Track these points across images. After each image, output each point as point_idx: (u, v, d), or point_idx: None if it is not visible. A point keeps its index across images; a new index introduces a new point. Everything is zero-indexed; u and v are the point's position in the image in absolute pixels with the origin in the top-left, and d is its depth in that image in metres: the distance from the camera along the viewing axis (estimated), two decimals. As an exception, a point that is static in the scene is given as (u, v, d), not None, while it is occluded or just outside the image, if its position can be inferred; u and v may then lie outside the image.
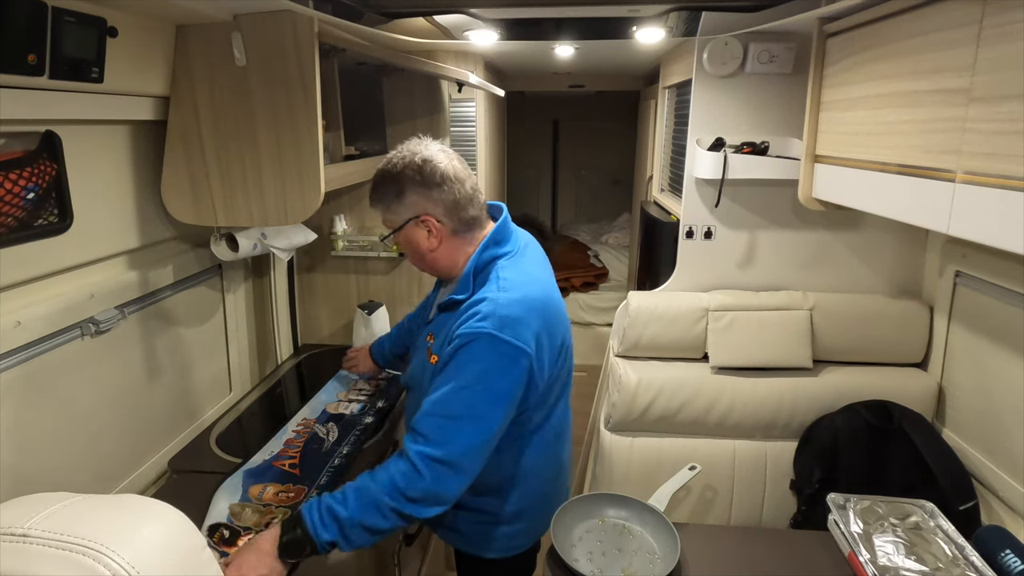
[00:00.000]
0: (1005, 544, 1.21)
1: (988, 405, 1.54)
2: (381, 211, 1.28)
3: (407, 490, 1.10)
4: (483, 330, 1.11)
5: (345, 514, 1.09)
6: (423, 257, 1.28)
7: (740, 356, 1.83)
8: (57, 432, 1.24)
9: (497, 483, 1.30)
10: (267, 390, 1.94)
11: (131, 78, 1.25)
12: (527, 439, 1.29)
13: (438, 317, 1.29)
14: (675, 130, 2.54)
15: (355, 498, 1.11)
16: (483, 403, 1.13)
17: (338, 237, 2.27)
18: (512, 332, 1.12)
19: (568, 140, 5.69)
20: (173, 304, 1.59)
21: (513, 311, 1.14)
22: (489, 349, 1.11)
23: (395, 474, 1.11)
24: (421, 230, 1.24)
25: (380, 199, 1.27)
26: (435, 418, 1.13)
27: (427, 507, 1.12)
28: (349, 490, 1.13)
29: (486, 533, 1.34)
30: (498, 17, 1.90)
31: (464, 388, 1.12)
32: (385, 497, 1.10)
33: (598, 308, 4.30)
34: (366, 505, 1.10)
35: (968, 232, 1.02)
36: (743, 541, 1.38)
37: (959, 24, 1.03)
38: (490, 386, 1.12)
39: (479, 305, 1.15)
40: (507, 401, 1.15)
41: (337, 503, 1.11)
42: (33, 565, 0.55)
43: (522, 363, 1.14)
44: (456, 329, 1.15)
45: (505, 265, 1.23)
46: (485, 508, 1.32)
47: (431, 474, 1.10)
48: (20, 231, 1.10)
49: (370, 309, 2.13)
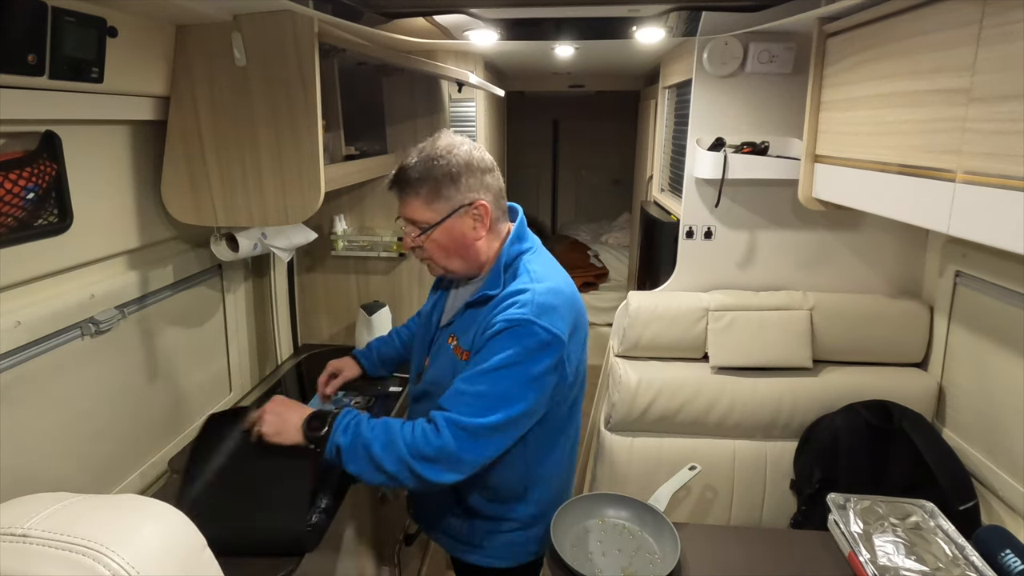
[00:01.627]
0: (1005, 544, 1.21)
1: (988, 405, 1.54)
2: (418, 204, 1.21)
3: (423, 447, 1.13)
4: (523, 316, 1.13)
5: (367, 435, 1.16)
6: (464, 248, 1.24)
7: (740, 356, 1.83)
8: (57, 432, 1.24)
9: (524, 488, 1.30)
10: (267, 390, 1.93)
11: (131, 78, 1.25)
12: (554, 438, 1.30)
13: (462, 317, 1.27)
14: (675, 130, 2.54)
15: (381, 430, 1.17)
16: (515, 385, 1.14)
17: (338, 237, 2.27)
18: (548, 320, 1.14)
19: (568, 140, 5.69)
20: (173, 304, 1.59)
21: (549, 300, 1.17)
22: (527, 335, 1.13)
23: (417, 431, 1.15)
24: (467, 219, 1.21)
25: (424, 186, 1.19)
26: (465, 395, 1.15)
27: (439, 470, 1.13)
28: (380, 422, 1.19)
29: (511, 541, 1.34)
30: (498, 17, 1.90)
31: (499, 368, 1.13)
32: (402, 445, 1.14)
33: (598, 308, 4.30)
34: (385, 441, 1.15)
35: (968, 232, 1.02)
36: (743, 541, 1.37)
37: (959, 24, 1.03)
38: (525, 369, 1.14)
39: (517, 296, 1.17)
40: (539, 387, 1.16)
41: (366, 424, 1.18)
42: (33, 565, 0.55)
43: (556, 350, 1.15)
44: (492, 319, 1.17)
45: (531, 259, 1.25)
46: (507, 515, 1.32)
47: (451, 435, 1.12)
48: (20, 231, 1.10)
49: (372, 309, 2.13)
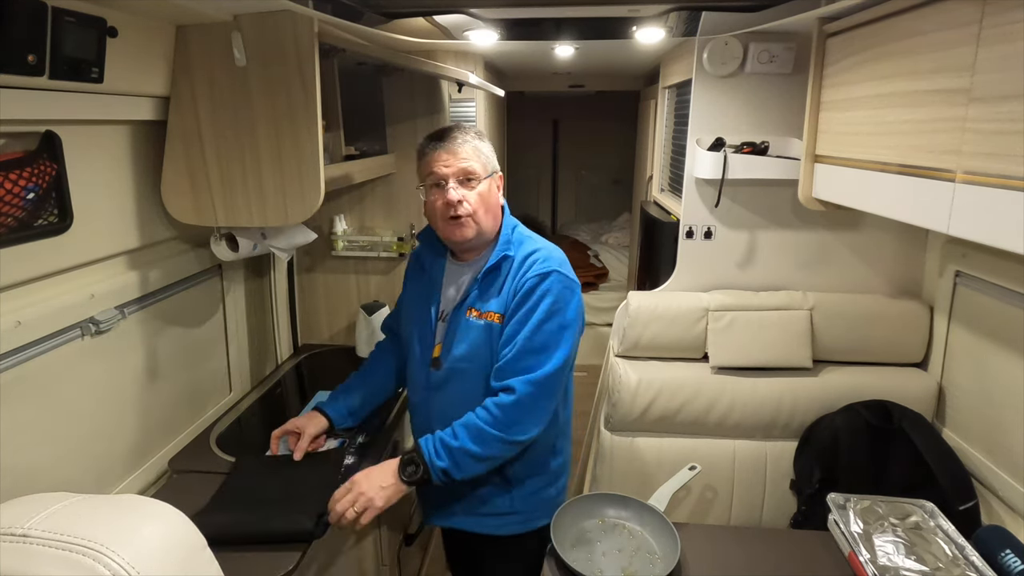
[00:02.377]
0: (1005, 544, 1.21)
1: (988, 405, 1.54)
2: (476, 156, 1.37)
3: (506, 415, 1.26)
4: (551, 268, 1.32)
5: (456, 444, 1.26)
6: (496, 208, 1.40)
7: (740, 356, 1.83)
8: (57, 432, 1.24)
9: (554, 438, 1.43)
10: (267, 390, 1.94)
11: (131, 78, 1.25)
12: (567, 387, 1.43)
13: (479, 286, 1.37)
14: (675, 130, 2.54)
15: (463, 431, 1.28)
16: (562, 329, 1.30)
17: (338, 237, 2.27)
18: (568, 269, 1.35)
19: (568, 140, 5.69)
20: (173, 304, 1.59)
21: (559, 255, 1.37)
22: (557, 282, 1.31)
23: (493, 407, 1.27)
24: (494, 184, 1.40)
25: (481, 143, 1.39)
26: (528, 353, 1.29)
27: (526, 426, 1.28)
28: (457, 425, 1.29)
29: (544, 498, 1.44)
30: (498, 17, 1.90)
31: (544, 322, 1.29)
32: (488, 427, 1.26)
33: (598, 308, 4.30)
34: (473, 436, 1.26)
35: (968, 232, 1.02)
36: (743, 541, 1.38)
37: (959, 24, 1.03)
38: (565, 314, 1.31)
39: (536, 254, 1.35)
40: (576, 327, 1.34)
41: (448, 436, 1.28)
42: (33, 565, 0.55)
43: (578, 292, 1.35)
44: (524, 276, 1.32)
45: (523, 231, 1.44)
46: (543, 471, 1.43)
47: (528, 392, 1.26)
48: (20, 231, 1.10)
49: (372, 309, 2.14)
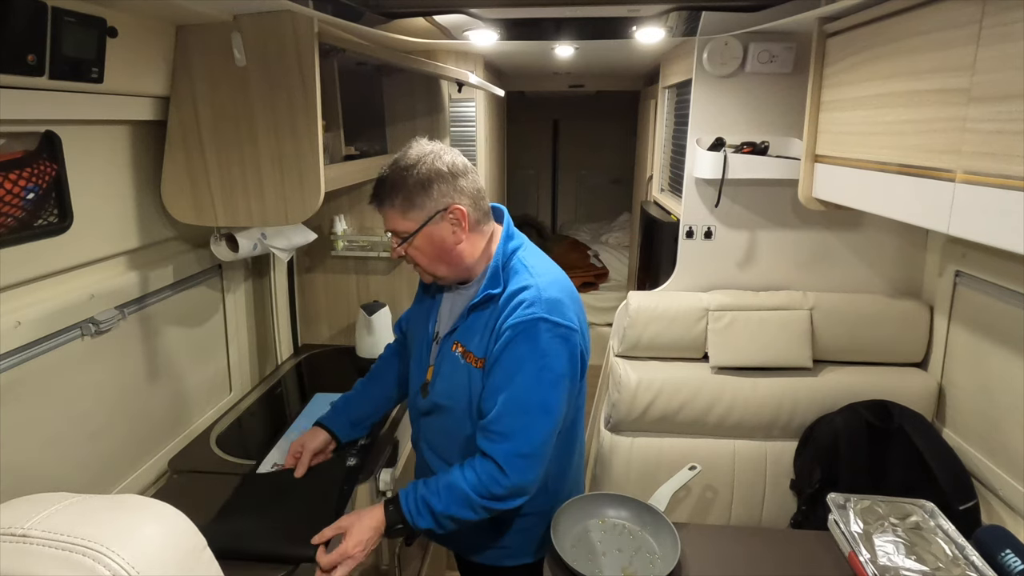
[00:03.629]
0: (1005, 544, 1.21)
1: (988, 405, 1.54)
2: (395, 215, 1.20)
3: (495, 489, 1.16)
4: (534, 315, 1.14)
5: (440, 508, 1.18)
6: (447, 253, 1.22)
7: (740, 356, 1.83)
8: (57, 432, 1.24)
9: (547, 480, 1.31)
10: (267, 390, 1.94)
11: (131, 78, 1.25)
12: (572, 428, 1.32)
13: (466, 322, 1.25)
14: (675, 130, 2.54)
15: (447, 494, 1.18)
16: (550, 388, 1.16)
17: (338, 237, 2.27)
18: (559, 313, 1.16)
19: (568, 140, 5.68)
20: (173, 304, 1.59)
21: (553, 293, 1.18)
22: (543, 333, 1.14)
23: (482, 475, 1.17)
24: (445, 224, 1.20)
25: (397, 197, 1.18)
26: (510, 416, 1.16)
27: (512, 500, 1.19)
28: (442, 485, 1.19)
29: (533, 536, 1.36)
30: (498, 17, 1.90)
31: (531, 377, 1.15)
32: (474, 495, 1.17)
33: (598, 308, 4.30)
34: (457, 501, 1.18)
35: (968, 232, 1.02)
36: (743, 541, 1.38)
37: (959, 24, 1.03)
38: (551, 370, 1.16)
39: (521, 294, 1.17)
40: (568, 381, 1.19)
41: (432, 495, 1.19)
42: (33, 565, 0.55)
43: (573, 340, 1.18)
44: (503, 323, 1.17)
45: (525, 255, 1.26)
46: (533, 510, 1.33)
47: (514, 471, 1.15)
48: (20, 231, 1.10)
49: (372, 309, 2.13)
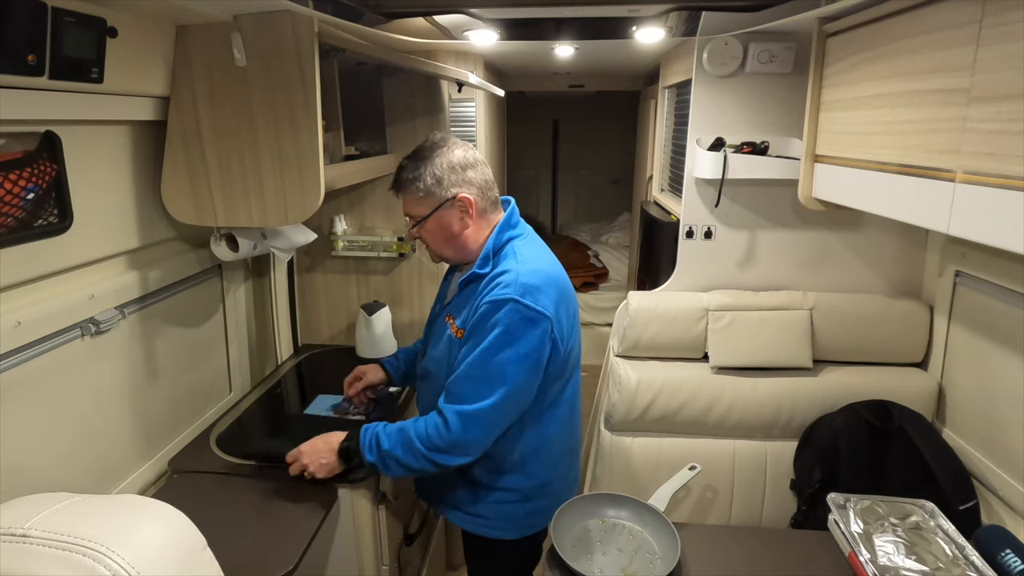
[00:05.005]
0: (1005, 544, 1.21)
1: (988, 405, 1.54)
2: (411, 200, 1.35)
3: (437, 441, 1.27)
4: (507, 296, 1.23)
5: (386, 446, 1.31)
6: (454, 238, 1.36)
7: (740, 356, 1.83)
8: (57, 432, 1.24)
9: (520, 459, 1.38)
10: (267, 390, 1.94)
11: (131, 78, 1.25)
12: (547, 412, 1.38)
13: (458, 296, 1.38)
14: (675, 130, 2.54)
15: (396, 437, 1.31)
16: (510, 363, 1.24)
17: (338, 237, 2.27)
18: (532, 298, 1.24)
19: (568, 140, 5.68)
20: (173, 304, 1.59)
21: (532, 280, 1.26)
22: (512, 313, 1.23)
23: (429, 426, 1.29)
24: (454, 212, 1.34)
25: (413, 185, 1.33)
26: (468, 380, 1.27)
27: (454, 457, 1.28)
28: (394, 429, 1.33)
29: (510, 513, 1.42)
30: (498, 17, 1.90)
31: (491, 350, 1.24)
32: (418, 443, 1.28)
33: (598, 308, 4.30)
34: (403, 445, 1.30)
35: (968, 232, 1.02)
36: (743, 541, 1.38)
37: (959, 24, 1.03)
38: (514, 348, 1.24)
39: (502, 276, 1.27)
40: (530, 362, 1.26)
41: (384, 435, 1.32)
42: (33, 565, 0.55)
43: (543, 326, 1.25)
44: (482, 299, 1.27)
45: (520, 245, 1.36)
46: (510, 486, 1.40)
47: (459, 426, 1.26)
48: (20, 231, 1.10)
49: (372, 309, 2.13)
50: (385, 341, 2.16)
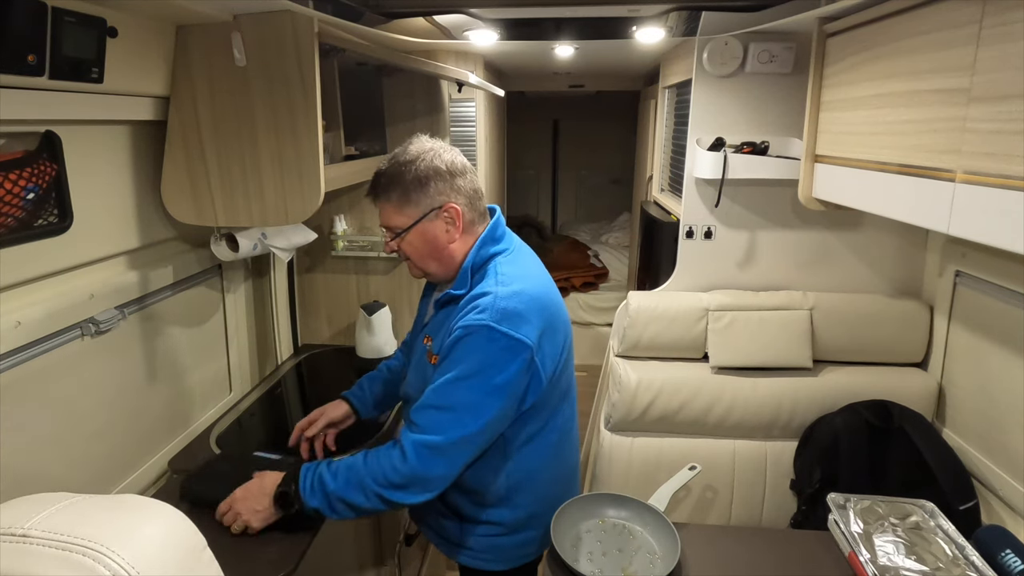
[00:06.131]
0: (1005, 544, 1.21)
1: (988, 405, 1.54)
2: (390, 209, 1.21)
3: (392, 476, 1.13)
4: (482, 322, 1.11)
5: (332, 487, 1.15)
6: (439, 251, 1.22)
7: (740, 356, 1.83)
8: (57, 432, 1.24)
9: (505, 491, 1.28)
10: (267, 390, 1.94)
11: (131, 78, 1.25)
12: (532, 443, 1.27)
13: (435, 317, 1.27)
14: (675, 130, 2.54)
15: (344, 475, 1.16)
16: (480, 394, 1.12)
17: (338, 237, 2.27)
18: (511, 325, 1.12)
19: (568, 140, 5.69)
20: (173, 304, 1.59)
21: (512, 304, 1.13)
22: (487, 341, 1.11)
23: (383, 459, 1.15)
24: (439, 223, 1.20)
25: (394, 192, 1.19)
26: (431, 409, 1.14)
27: (412, 493, 1.14)
28: (342, 466, 1.17)
29: (496, 545, 1.32)
30: (498, 17, 1.90)
31: (461, 379, 1.12)
32: (370, 480, 1.14)
33: (598, 308, 4.30)
34: (352, 483, 1.15)
35: (968, 232, 1.02)
36: (743, 541, 1.37)
37: (959, 24, 1.03)
38: (488, 378, 1.12)
39: (479, 299, 1.15)
40: (504, 394, 1.14)
41: (329, 475, 1.16)
42: (33, 565, 0.55)
43: (522, 355, 1.13)
44: (456, 323, 1.15)
45: (503, 261, 1.23)
46: (495, 519, 1.30)
47: (418, 459, 1.12)
48: (20, 231, 1.10)
49: (372, 309, 2.13)
50: (385, 341, 2.16)
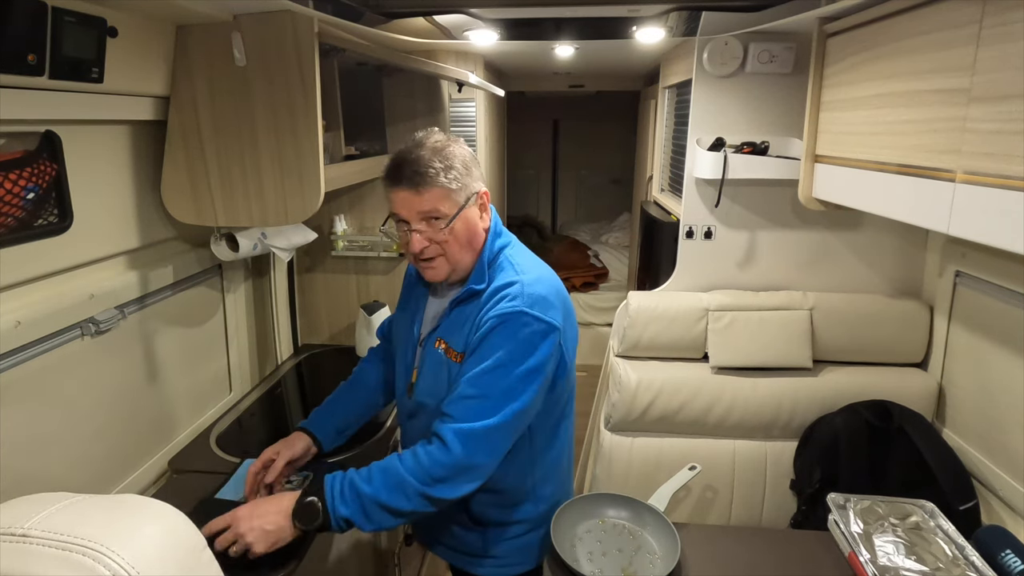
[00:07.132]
0: (1005, 544, 1.21)
1: (988, 405, 1.54)
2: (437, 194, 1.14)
3: (434, 469, 1.08)
4: (516, 308, 1.12)
5: (369, 491, 1.07)
6: (476, 239, 1.21)
7: (740, 356, 1.83)
8: (57, 432, 1.24)
9: (531, 485, 1.28)
10: (267, 390, 1.94)
11: (131, 78, 1.25)
12: (558, 428, 1.29)
13: (448, 319, 1.23)
14: (675, 130, 2.54)
15: (380, 477, 1.09)
16: (517, 380, 1.12)
17: (338, 237, 2.27)
18: (541, 309, 1.14)
19: (568, 140, 5.69)
20: (173, 304, 1.59)
21: (538, 290, 1.16)
22: (521, 326, 1.12)
23: (422, 454, 1.10)
24: (475, 208, 1.21)
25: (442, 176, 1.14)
26: (470, 399, 1.12)
27: (457, 485, 1.10)
28: (375, 468, 1.11)
29: (527, 544, 1.31)
30: (498, 17, 1.90)
31: (499, 367, 1.12)
32: (411, 478, 1.08)
33: (598, 308, 4.30)
34: (391, 485, 1.08)
35: (968, 232, 1.02)
36: (743, 541, 1.37)
37: (959, 24, 1.03)
38: (524, 363, 1.12)
39: (507, 289, 1.15)
40: (540, 377, 1.14)
41: (361, 479, 1.09)
42: (33, 565, 0.55)
43: (552, 338, 1.15)
44: (485, 315, 1.15)
45: (512, 253, 1.24)
46: (522, 518, 1.30)
47: (462, 447, 1.08)
48: (20, 231, 1.10)
49: (372, 309, 2.14)
50: (385, 341, 2.16)
